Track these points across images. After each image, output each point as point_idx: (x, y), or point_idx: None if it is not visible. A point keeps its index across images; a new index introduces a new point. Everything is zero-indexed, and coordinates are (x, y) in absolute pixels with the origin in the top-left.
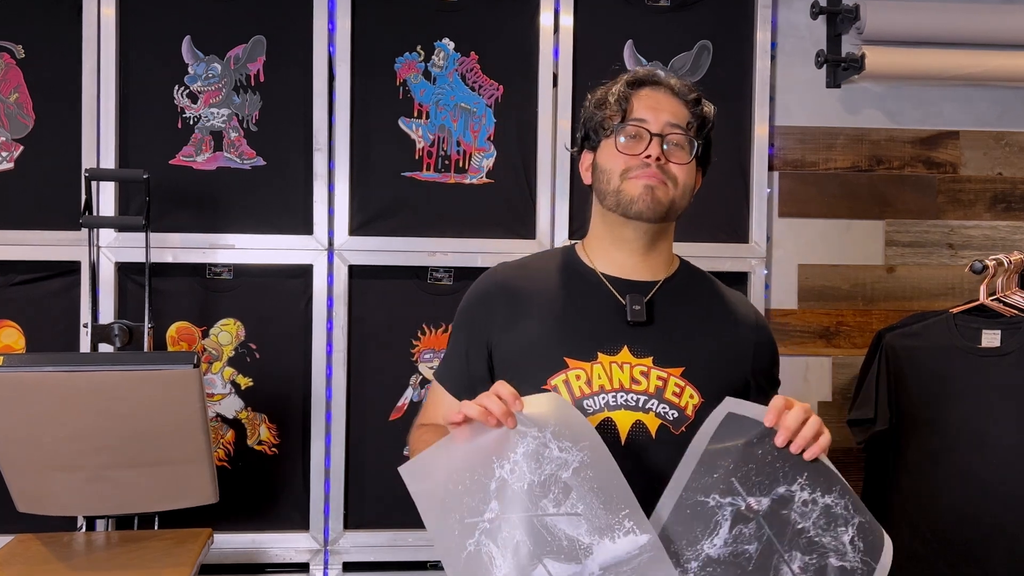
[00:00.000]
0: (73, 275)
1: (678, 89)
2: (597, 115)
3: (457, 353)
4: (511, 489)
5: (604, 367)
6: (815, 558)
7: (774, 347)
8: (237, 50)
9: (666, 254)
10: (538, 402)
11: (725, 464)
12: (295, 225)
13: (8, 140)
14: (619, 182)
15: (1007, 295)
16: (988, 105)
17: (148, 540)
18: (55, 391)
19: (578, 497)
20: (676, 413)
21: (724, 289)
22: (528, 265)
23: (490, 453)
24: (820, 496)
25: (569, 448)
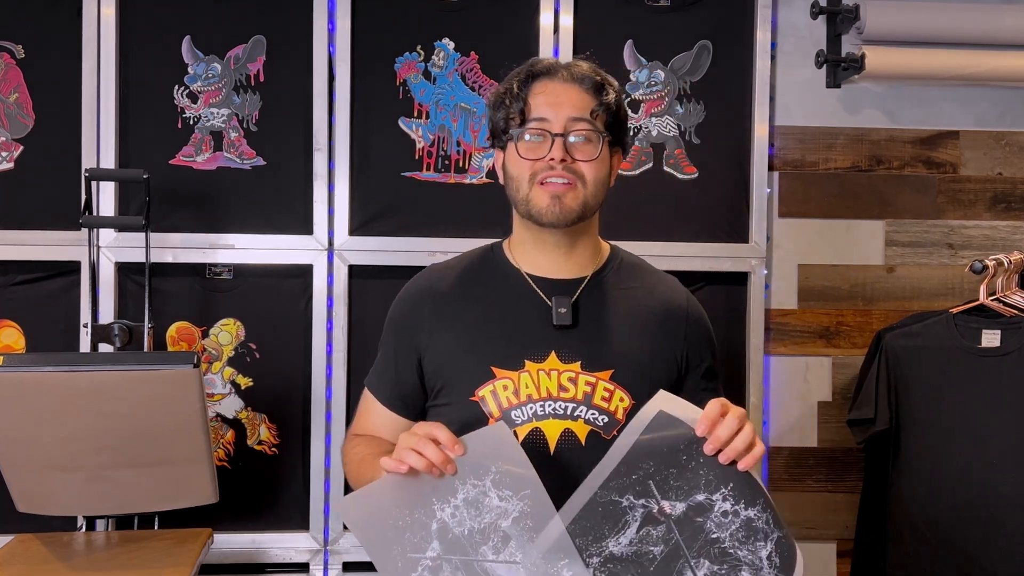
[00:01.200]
0: (73, 275)
1: (578, 76)
2: (498, 116)
3: (387, 362)
4: (452, 532)
5: (531, 375)
6: (725, 569)
7: (708, 333)
8: (237, 50)
9: (591, 249)
10: (481, 440)
11: (646, 467)
12: (295, 225)
13: (8, 140)
14: (528, 190)
15: (1007, 295)
16: (988, 105)
17: (148, 540)
18: (55, 391)
19: (517, 546)
20: (606, 418)
21: (655, 276)
22: (455, 267)
23: (431, 495)
24: (743, 508)
25: (509, 497)
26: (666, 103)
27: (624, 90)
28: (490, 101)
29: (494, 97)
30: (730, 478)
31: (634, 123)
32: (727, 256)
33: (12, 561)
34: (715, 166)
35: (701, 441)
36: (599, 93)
